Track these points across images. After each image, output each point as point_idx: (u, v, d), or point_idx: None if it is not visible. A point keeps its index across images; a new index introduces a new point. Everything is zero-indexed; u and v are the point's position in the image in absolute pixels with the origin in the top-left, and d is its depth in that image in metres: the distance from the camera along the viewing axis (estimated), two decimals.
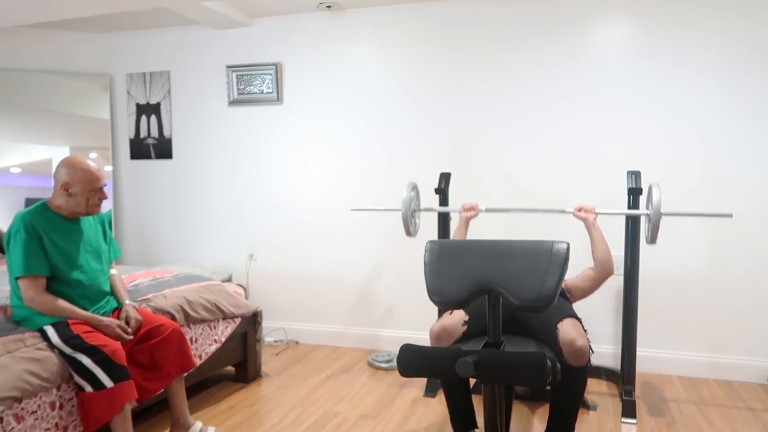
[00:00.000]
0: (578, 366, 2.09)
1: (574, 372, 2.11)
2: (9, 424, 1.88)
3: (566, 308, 2.30)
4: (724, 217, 2.65)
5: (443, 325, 2.31)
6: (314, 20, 3.82)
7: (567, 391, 2.16)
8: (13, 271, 2.16)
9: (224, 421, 2.69)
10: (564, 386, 2.13)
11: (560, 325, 2.15)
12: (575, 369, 2.10)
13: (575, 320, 2.21)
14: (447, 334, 2.30)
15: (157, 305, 2.60)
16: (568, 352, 2.08)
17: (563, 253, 1.61)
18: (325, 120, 3.87)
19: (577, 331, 2.12)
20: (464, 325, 2.30)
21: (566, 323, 2.16)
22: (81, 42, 4.30)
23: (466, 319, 2.32)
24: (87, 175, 2.23)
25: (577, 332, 2.11)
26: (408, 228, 2.86)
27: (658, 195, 2.48)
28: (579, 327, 2.18)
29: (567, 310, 2.27)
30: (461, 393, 2.33)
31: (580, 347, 2.07)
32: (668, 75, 3.22)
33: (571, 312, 2.27)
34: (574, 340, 2.07)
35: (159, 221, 4.29)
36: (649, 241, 2.57)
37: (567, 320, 2.17)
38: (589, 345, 2.12)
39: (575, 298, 2.61)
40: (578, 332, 2.12)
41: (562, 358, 2.10)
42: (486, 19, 3.49)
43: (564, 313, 2.22)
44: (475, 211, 2.78)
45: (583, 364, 2.10)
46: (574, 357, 2.08)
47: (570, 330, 2.12)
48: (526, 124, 3.47)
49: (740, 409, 2.83)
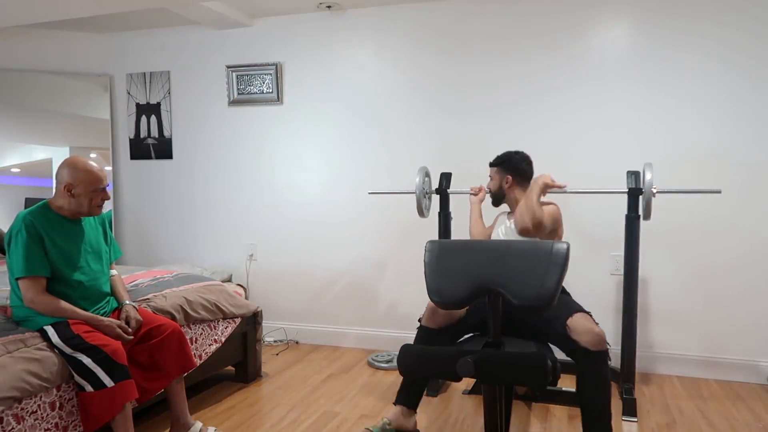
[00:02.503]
0: (599, 350, 2.08)
1: (598, 358, 2.08)
2: (9, 424, 1.88)
3: (571, 304, 2.28)
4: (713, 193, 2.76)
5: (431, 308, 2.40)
6: (314, 20, 3.82)
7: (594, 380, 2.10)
8: (14, 272, 2.15)
9: (224, 421, 2.69)
10: (591, 378, 2.10)
11: (571, 321, 2.12)
12: (596, 353, 2.08)
13: (585, 314, 2.19)
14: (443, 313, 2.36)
15: (157, 305, 2.60)
16: (587, 340, 2.07)
17: (563, 253, 1.61)
18: (325, 120, 3.87)
19: (591, 322, 2.13)
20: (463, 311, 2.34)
21: (577, 318, 2.13)
22: (81, 42, 4.30)
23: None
24: (90, 175, 2.23)
25: (591, 323, 2.12)
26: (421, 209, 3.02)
27: (650, 174, 2.61)
28: (591, 319, 2.17)
29: (573, 306, 2.24)
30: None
31: (599, 333, 2.08)
32: (668, 76, 3.22)
33: (578, 307, 2.24)
34: (592, 328, 2.09)
35: (159, 221, 4.29)
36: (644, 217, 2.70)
37: (577, 315, 2.15)
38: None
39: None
40: (592, 323, 2.13)
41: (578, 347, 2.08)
42: (486, 19, 3.50)
43: (572, 309, 2.19)
44: (483, 191, 2.89)
45: (604, 348, 2.09)
46: (593, 343, 2.07)
47: (583, 321, 2.12)
48: (526, 124, 3.47)
49: (740, 409, 2.83)
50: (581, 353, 2.09)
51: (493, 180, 2.76)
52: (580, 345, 2.08)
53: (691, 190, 2.83)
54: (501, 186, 2.71)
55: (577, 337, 2.08)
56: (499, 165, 2.73)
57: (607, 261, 3.36)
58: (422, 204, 2.99)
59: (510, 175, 2.69)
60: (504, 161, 2.71)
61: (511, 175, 2.68)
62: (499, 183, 2.71)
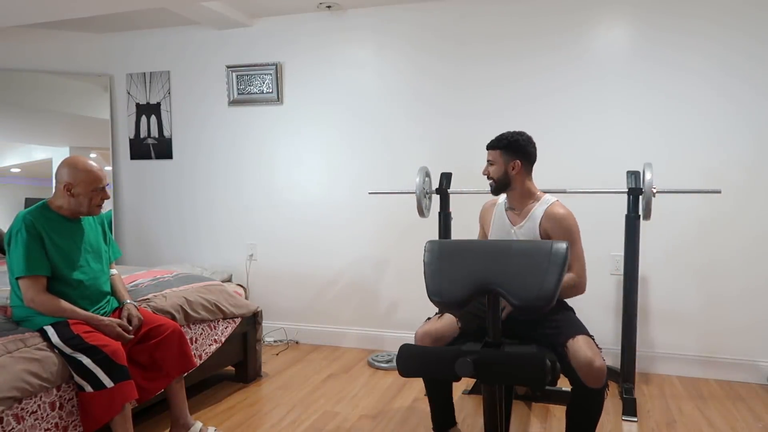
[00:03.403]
0: (596, 387, 1.94)
1: (592, 394, 1.96)
2: (9, 424, 1.88)
3: (575, 323, 2.12)
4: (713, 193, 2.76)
5: (427, 331, 2.22)
6: (314, 20, 3.82)
7: (584, 415, 2.02)
8: (14, 271, 2.16)
9: (224, 421, 2.69)
10: (580, 409, 2.02)
11: (572, 343, 1.98)
12: (593, 391, 1.95)
13: (588, 338, 2.02)
14: (432, 341, 2.19)
15: (157, 305, 2.60)
16: (585, 374, 1.92)
17: (563, 253, 1.61)
18: (325, 120, 3.87)
19: (593, 351, 1.95)
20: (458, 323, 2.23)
21: (579, 341, 1.97)
22: (81, 42, 4.30)
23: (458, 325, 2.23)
24: (90, 175, 2.23)
25: (592, 352, 1.94)
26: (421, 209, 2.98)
27: (650, 174, 2.56)
28: (593, 345, 1.99)
29: (577, 326, 2.09)
30: (443, 393, 2.31)
31: (599, 368, 1.90)
32: (668, 76, 3.22)
33: (582, 328, 2.08)
34: (592, 361, 1.91)
35: (159, 221, 4.29)
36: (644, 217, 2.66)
37: (580, 338, 1.99)
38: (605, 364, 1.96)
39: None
40: (594, 351, 1.95)
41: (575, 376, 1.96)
42: (486, 19, 3.49)
43: (574, 329, 2.05)
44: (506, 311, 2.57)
45: (602, 385, 1.94)
46: (591, 379, 1.92)
47: (584, 349, 1.94)
48: (526, 124, 3.45)
49: (740, 409, 2.83)
50: (577, 384, 1.97)
51: (495, 165, 2.31)
52: (577, 375, 1.94)
53: (691, 190, 2.83)
54: (507, 172, 2.29)
55: (575, 365, 1.94)
56: (504, 148, 2.28)
57: (607, 261, 3.36)
58: (422, 204, 2.99)
59: (519, 159, 2.28)
60: (510, 143, 2.28)
61: (520, 160, 2.28)
62: (505, 168, 2.29)
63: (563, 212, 2.25)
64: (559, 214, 2.25)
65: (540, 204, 2.31)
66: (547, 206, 2.28)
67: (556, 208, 2.26)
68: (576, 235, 2.23)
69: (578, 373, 1.93)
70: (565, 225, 2.23)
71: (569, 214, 2.25)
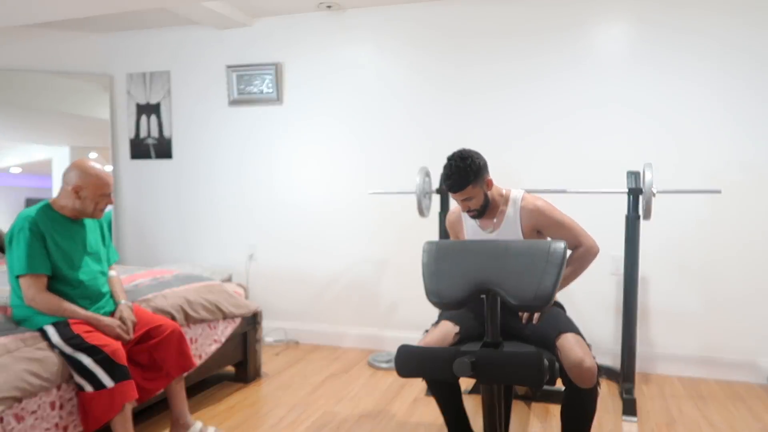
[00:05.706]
0: (587, 387, 1.91)
1: (584, 394, 1.93)
2: (9, 423, 1.89)
3: (563, 320, 2.09)
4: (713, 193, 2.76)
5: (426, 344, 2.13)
6: (314, 20, 3.82)
7: (578, 414, 1.99)
8: (15, 270, 2.16)
9: (224, 421, 2.70)
10: (574, 410, 2.00)
11: (561, 341, 1.95)
12: (584, 391, 1.91)
13: (577, 336, 1.99)
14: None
15: (157, 305, 2.61)
16: (575, 375, 1.89)
17: (560, 253, 1.61)
18: (325, 120, 3.87)
19: (583, 350, 1.91)
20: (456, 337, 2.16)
21: (569, 339, 1.95)
22: (81, 42, 4.31)
23: (456, 330, 2.16)
24: (99, 181, 2.27)
25: (582, 351, 1.90)
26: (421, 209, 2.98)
27: (650, 174, 2.58)
28: (583, 344, 1.95)
29: (565, 323, 2.06)
30: (454, 402, 2.25)
31: (589, 368, 1.87)
32: (668, 76, 3.22)
33: (571, 326, 2.05)
34: (582, 361, 1.87)
35: (159, 221, 4.30)
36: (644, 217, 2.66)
37: (569, 335, 1.96)
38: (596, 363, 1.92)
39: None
40: (584, 351, 1.91)
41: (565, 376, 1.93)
42: (486, 19, 3.50)
43: (562, 326, 2.02)
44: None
45: (592, 385, 1.90)
46: (582, 379, 1.89)
47: (575, 348, 1.91)
48: (525, 123, 3.47)
49: (740, 409, 2.83)
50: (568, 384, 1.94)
51: (473, 198, 2.25)
52: (568, 376, 1.91)
53: (691, 190, 2.83)
54: (486, 195, 2.27)
55: (566, 365, 1.90)
56: (473, 180, 2.20)
57: (607, 261, 3.35)
58: (422, 204, 3.00)
59: (485, 175, 2.25)
60: (473, 171, 2.20)
61: (485, 174, 2.25)
62: (483, 193, 2.26)
63: (540, 204, 2.29)
64: (538, 207, 2.28)
65: (510, 205, 2.32)
66: (519, 205, 2.30)
67: (530, 204, 2.29)
68: (559, 214, 2.28)
69: (569, 374, 1.91)
70: (548, 213, 2.27)
71: (544, 203, 2.29)
